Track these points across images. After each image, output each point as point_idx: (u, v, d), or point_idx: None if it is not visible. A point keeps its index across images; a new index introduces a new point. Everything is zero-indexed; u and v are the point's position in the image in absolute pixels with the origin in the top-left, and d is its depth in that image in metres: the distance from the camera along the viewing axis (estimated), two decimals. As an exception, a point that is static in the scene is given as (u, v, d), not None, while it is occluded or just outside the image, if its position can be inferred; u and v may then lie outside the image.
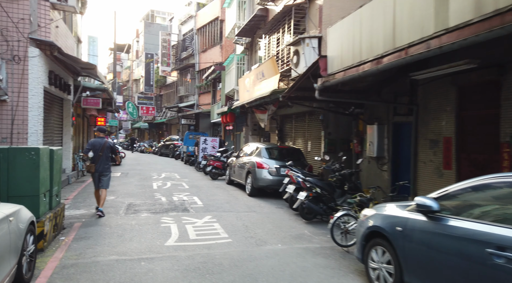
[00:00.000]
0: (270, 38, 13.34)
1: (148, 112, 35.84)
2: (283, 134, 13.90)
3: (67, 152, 12.81)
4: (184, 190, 10.58)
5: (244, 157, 11.11)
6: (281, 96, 9.17)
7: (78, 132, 16.28)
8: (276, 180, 9.61)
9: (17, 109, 8.64)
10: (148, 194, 9.81)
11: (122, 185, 11.42)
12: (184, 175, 14.53)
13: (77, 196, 9.40)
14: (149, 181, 12.51)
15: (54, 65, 10.15)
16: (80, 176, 13.49)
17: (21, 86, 8.63)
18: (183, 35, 30.96)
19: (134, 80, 46.85)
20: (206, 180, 13.33)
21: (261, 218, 7.38)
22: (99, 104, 13.74)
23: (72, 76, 12.83)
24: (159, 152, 28.54)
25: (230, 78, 18.72)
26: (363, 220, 4.30)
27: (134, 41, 49.20)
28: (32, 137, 8.77)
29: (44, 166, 5.15)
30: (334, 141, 10.39)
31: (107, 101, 17.99)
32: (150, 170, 16.07)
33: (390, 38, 5.21)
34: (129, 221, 6.78)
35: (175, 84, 33.18)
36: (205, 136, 18.49)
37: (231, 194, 10.35)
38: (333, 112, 9.98)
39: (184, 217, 7.19)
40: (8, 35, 8.45)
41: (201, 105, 28.01)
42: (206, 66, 26.50)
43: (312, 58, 9.41)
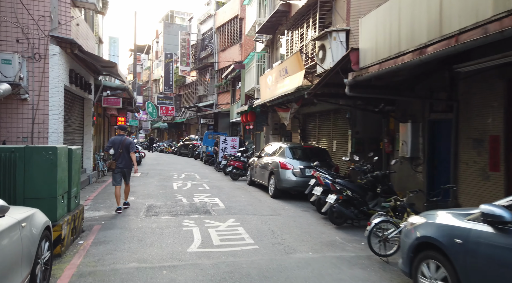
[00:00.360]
0: (292, 33, 12.87)
1: (167, 112, 35.97)
2: (305, 134, 13.40)
3: (88, 152, 12.74)
4: (205, 191, 10.26)
5: (266, 157, 10.70)
6: (306, 93, 8.70)
7: (99, 132, 16.27)
8: (301, 182, 9.16)
9: (38, 108, 8.53)
10: (169, 195, 9.53)
11: (142, 185, 11.21)
12: (204, 176, 14.26)
13: (97, 196, 9.22)
14: (169, 181, 12.27)
15: (74, 64, 10.03)
16: (100, 176, 13.41)
17: (41, 84, 8.51)
18: (202, 35, 30.84)
19: (154, 80, 47.25)
20: (226, 181, 12.99)
21: (287, 222, 6.94)
22: (119, 103, 13.63)
23: (93, 75, 12.76)
24: (178, 152, 28.50)
25: (250, 77, 18.35)
26: (410, 229, 3.80)
27: (153, 42, 49.67)
28: (52, 136, 8.64)
29: (62, 166, 4.89)
30: (361, 141, 9.84)
31: (127, 100, 17.95)
32: (170, 170, 15.89)
33: (436, 25, 4.67)
34: (150, 224, 6.48)
35: (194, 84, 33.13)
36: (225, 136, 18.19)
37: (253, 195, 9.95)
38: (361, 110, 9.43)
39: (206, 220, 6.84)
40: (29, 33, 8.34)
41: (220, 104, 27.79)
42: (225, 65, 26.25)
43: (339, 53, 8.91)
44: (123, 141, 7.55)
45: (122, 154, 7.49)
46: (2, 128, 8.33)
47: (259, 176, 10.99)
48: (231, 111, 23.19)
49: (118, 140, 7.57)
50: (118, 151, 7.47)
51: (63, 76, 9.04)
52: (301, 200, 9.28)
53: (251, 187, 11.53)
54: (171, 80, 35.90)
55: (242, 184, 12.19)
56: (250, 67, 18.37)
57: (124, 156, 7.51)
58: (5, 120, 8.34)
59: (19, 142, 8.40)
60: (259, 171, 10.98)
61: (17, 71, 7.89)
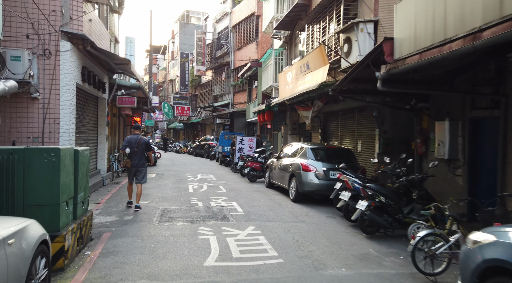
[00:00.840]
0: (313, 28, 12.21)
1: (183, 112, 35.76)
2: (327, 133, 12.71)
3: (102, 153, 12.41)
4: (221, 194, 9.72)
5: (286, 159, 10.08)
6: (330, 89, 8.05)
7: (113, 132, 16.00)
8: (324, 185, 8.51)
9: (49, 107, 8.17)
10: (184, 198, 9.04)
11: (156, 187, 10.77)
12: (220, 177, 13.74)
13: (110, 199, 8.81)
14: (185, 183, 11.80)
15: (87, 61, 9.67)
16: (115, 177, 13.08)
17: (52, 82, 8.14)
18: (218, 33, 30.45)
19: (170, 80, 47.26)
20: (243, 183, 12.44)
21: (312, 231, 6.31)
22: (134, 102, 13.27)
23: (107, 74, 12.42)
24: (194, 152, 28.17)
25: (267, 75, 17.75)
26: (473, 249, 3.13)
27: (169, 42, 49.72)
28: (64, 136, 8.26)
29: (67, 169, 4.42)
30: (390, 141, 9.11)
31: (142, 100, 17.66)
32: (186, 171, 15.46)
33: (495, 5, 3.97)
34: (163, 231, 5.97)
35: (210, 84, 32.78)
36: (241, 136, 17.64)
37: (272, 199, 9.35)
38: (390, 107, 8.70)
39: (224, 227, 6.28)
40: (39, 29, 7.98)
41: (236, 104, 27.31)
42: (241, 64, 25.73)
43: (367, 45, 8.23)
44: (138, 140, 7.79)
45: (137, 153, 7.70)
46: (12, 128, 8.00)
47: (278, 178, 10.39)
48: (247, 111, 22.67)
49: (133, 140, 7.79)
50: (133, 150, 7.68)
51: (75, 73, 8.66)
52: (325, 205, 8.62)
53: (270, 190, 10.93)
54: (187, 80, 35.67)
55: (260, 187, 11.61)
56: (267, 65, 17.78)
57: (139, 155, 7.71)
58: (15, 120, 8.00)
59: (30, 143, 8.06)
60: (278, 173, 10.37)
61: (26, 68, 7.53)
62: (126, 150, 7.68)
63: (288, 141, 15.86)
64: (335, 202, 7.71)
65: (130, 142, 7.77)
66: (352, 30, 8.46)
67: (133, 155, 7.66)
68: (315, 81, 9.14)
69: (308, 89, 9.41)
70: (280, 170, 10.20)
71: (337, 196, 7.57)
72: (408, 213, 6.26)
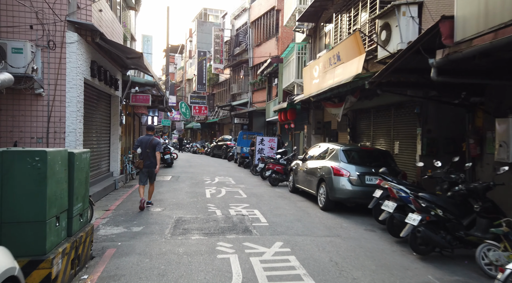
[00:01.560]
0: (342, 17, 11.15)
1: (200, 112, 35.14)
2: (356, 133, 11.61)
3: (115, 154, 11.73)
4: (241, 200, 8.81)
5: (313, 161, 9.07)
6: (367, 82, 7.00)
7: (127, 132, 15.36)
8: (359, 192, 7.47)
9: (54, 104, 7.46)
10: (201, 205, 8.17)
11: (171, 192, 9.97)
12: (239, 180, 12.85)
13: (120, 206, 8.04)
14: (201, 187, 10.96)
15: (97, 55, 8.95)
16: (129, 179, 12.39)
17: (57, 77, 7.43)
18: (236, 30, 29.63)
19: (187, 80, 46.86)
20: (265, 187, 11.50)
21: (352, 249, 5.30)
22: (148, 100, 12.55)
23: (120, 70, 11.74)
24: (211, 153, 27.44)
25: (288, 71, 16.75)
26: None
27: (187, 41, 49.34)
28: (70, 136, 7.54)
29: (57, 177, 3.59)
30: (435, 141, 7.97)
31: (158, 99, 16.99)
32: (203, 173, 14.65)
33: None
34: (176, 247, 5.10)
35: (228, 82, 32.01)
36: (261, 136, 16.70)
37: (299, 207, 8.37)
38: (436, 101, 7.58)
39: (246, 242, 5.36)
40: (43, 18, 7.28)
41: (254, 103, 26.41)
42: (261, 61, 24.81)
43: (410, 31, 7.13)
44: (150, 141, 7.69)
45: (149, 154, 7.62)
46: (14, 127, 7.34)
47: (304, 182, 9.39)
48: (267, 110, 21.72)
49: (145, 140, 7.73)
50: (145, 151, 7.61)
51: (83, 68, 7.94)
52: (360, 215, 7.59)
53: (294, 196, 9.94)
54: (204, 78, 35.03)
55: (284, 191, 10.64)
56: (288, 60, 16.77)
57: (151, 156, 7.63)
58: (17, 119, 7.33)
59: (33, 144, 7.38)
60: (304, 177, 9.37)
61: (29, 61, 6.83)
62: (138, 150, 7.69)
63: (312, 142, 14.83)
64: (375, 213, 6.68)
65: (141, 142, 7.75)
66: (392, 14, 7.38)
67: (145, 156, 7.62)
68: (348, 73, 8.09)
69: (339, 83, 8.38)
70: (306, 174, 9.21)
71: (377, 206, 6.54)
72: (467, 228, 5.17)
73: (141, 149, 7.61)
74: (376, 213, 6.64)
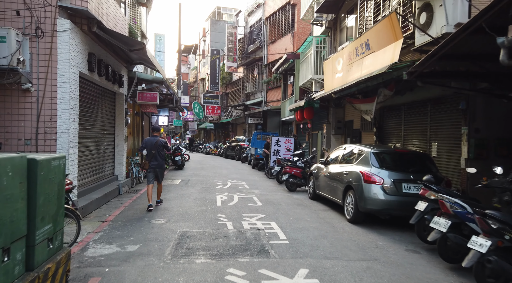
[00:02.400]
0: (367, 4, 9.99)
1: (213, 112, 34.29)
2: (384, 133, 10.41)
3: (120, 156, 10.88)
4: (256, 210, 7.78)
5: (337, 165, 7.96)
6: (406, 72, 5.86)
7: (136, 132, 14.54)
8: (395, 202, 6.34)
9: (44, 101, 6.60)
10: (210, 215, 7.17)
11: (178, 198, 9.01)
12: (253, 184, 11.83)
13: (120, 215, 7.12)
14: (212, 192, 9.98)
15: (96, 47, 8.08)
16: (135, 183, 11.52)
17: (48, 70, 6.57)
18: (250, 27, 28.65)
19: (201, 79, 46.22)
20: (281, 193, 10.43)
21: (397, 279, 4.18)
22: (156, 99, 11.65)
23: (125, 66, 10.88)
24: (225, 154, 26.52)
25: (306, 67, 15.64)
26: None
27: (200, 40, 48.71)
28: (62, 138, 6.66)
29: (5, 193, 2.63)
30: (485, 142, 6.75)
31: (168, 98, 16.14)
32: (214, 177, 13.68)
33: None
34: (175, 276, 4.10)
35: (241, 81, 31.06)
36: (277, 136, 15.62)
37: (322, 218, 7.28)
38: (486, 95, 6.38)
39: (262, 269, 4.31)
40: (32, 3, 6.42)
41: (269, 102, 25.37)
42: (275, 58, 23.74)
43: (459, 11, 5.97)
44: (155, 142, 7.70)
45: (155, 155, 7.67)
46: (0, 127, 6.50)
47: (327, 189, 8.28)
48: (282, 109, 20.64)
49: (150, 141, 7.75)
50: (151, 152, 7.65)
51: (78, 60, 7.06)
52: (396, 229, 6.46)
53: (315, 203, 8.85)
54: (217, 77, 34.17)
55: (303, 198, 9.55)
56: (306, 55, 15.66)
57: (157, 157, 7.71)
58: (3, 118, 6.50)
59: (21, 146, 6.53)
60: (327, 182, 8.27)
61: (13, 51, 5.95)
62: (144, 151, 7.77)
63: (332, 143, 13.68)
64: (417, 229, 5.54)
65: (147, 144, 7.76)
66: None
67: (151, 157, 7.66)
68: (380, 64, 6.95)
69: (369, 75, 7.23)
70: (329, 180, 8.10)
71: (421, 221, 5.41)
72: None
73: (146, 151, 7.68)
74: (419, 230, 5.51)
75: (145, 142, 7.85)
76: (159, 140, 7.78)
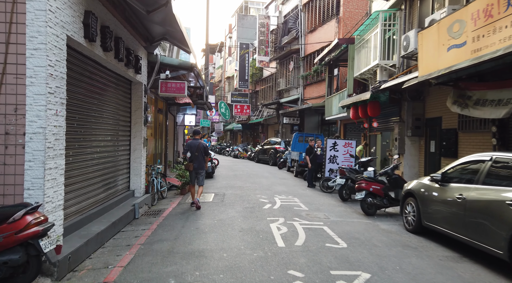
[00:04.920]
0: None
1: (242, 111, 31.57)
2: (510, 134, 7.20)
3: (137, 165, 8.24)
4: (346, 259, 4.82)
5: (480, 187, 4.89)
6: None
7: (159, 134, 11.94)
8: None
9: (5, 81, 3.96)
10: (276, 272, 4.29)
11: (217, 229, 6.21)
12: (310, 203, 8.90)
13: (131, 268, 4.36)
14: (261, 217, 7.13)
15: (99, 6, 5.41)
16: (157, 199, 8.86)
17: (9, 28, 3.93)
18: (284, 17, 25.78)
19: (227, 78, 43.75)
20: (358, 218, 7.46)
21: None
22: (183, 90, 8.94)
23: (144, 46, 8.24)
24: (256, 158, 23.68)
25: (365, 53, 12.59)
26: None
27: (226, 37, 46.36)
28: (34, 142, 3.99)
29: None
30: None
31: (197, 92, 13.49)
32: (255, 189, 10.86)
33: None
34: None
35: (274, 77, 28.20)
36: (329, 139, 12.55)
37: (460, 274, 4.25)
38: None
39: None
40: None
41: (306, 99, 22.39)
42: (315, 49, 20.77)
43: None
44: (198, 144, 8.08)
45: (198, 157, 8.03)
46: None
47: (455, 224, 5.19)
48: (327, 106, 17.59)
49: (194, 144, 8.09)
50: (194, 154, 7.99)
51: (65, 17, 4.39)
52: None
53: (426, 242, 5.79)
54: (247, 74, 31.44)
55: (396, 230, 6.53)
56: (365, 39, 12.61)
57: (199, 159, 8.05)
58: None
59: (-35, 155, 3.90)
60: (455, 213, 5.20)
61: None
62: (188, 154, 8.02)
63: (407, 147, 10.55)
64: None
65: (191, 147, 8.07)
66: None
67: (194, 159, 7.98)
68: None
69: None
70: (463, 210, 5.04)
71: None
72: None
73: (190, 153, 7.98)
74: None
75: (189, 145, 8.20)
76: (201, 143, 8.18)
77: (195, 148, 8.01)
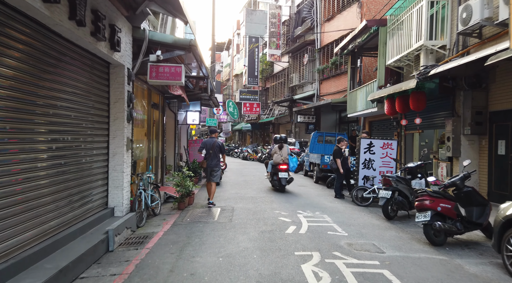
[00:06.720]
0: None
1: (252, 110, 29.44)
2: None
3: (118, 174, 6.17)
4: None
5: None
6: None
7: (155, 135, 9.87)
8: None
9: None
10: None
11: (222, 277, 4.07)
12: (346, 223, 6.72)
13: None
14: (287, 252, 4.96)
15: None
16: (144, 219, 6.74)
17: None
18: (297, 7, 23.59)
19: (235, 75, 41.70)
20: (426, 253, 5.25)
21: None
22: (180, 75, 6.83)
23: (126, 14, 6.15)
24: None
25: (402, 35, 10.35)
26: None
27: (234, 34, 44.37)
28: None
29: None
30: None
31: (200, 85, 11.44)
32: (271, 201, 8.73)
33: None
34: None
35: (285, 73, 26.01)
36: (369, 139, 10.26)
37: None
38: None
39: None
40: None
41: (323, 95, 20.17)
42: (334, 38, 18.54)
43: None
44: (213, 143, 8.31)
45: (212, 155, 8.26)
46: None
47: None
48: (350, 101, 15.35)
49: (209, 142, 8.34)
50: (209, 152, 8.25)
51: None
52: None
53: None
54: (256, 69, 29.30)
55: (494, 276, 4.32)
56: (401, 18, 10.38)
57: (214, 157, 8.30)
58: None
59: None
60: None
61: None
62: (203, 151, 8.26)
63: (463, 148, 8.31)
64: None
65: (206, 145, 8.30)
66: None
67: (209, 156, 8.25)
68: None
69: None
70: None
71: None
72: None
73: (205, 151, 8.22)
74: None
75: (204, 143, 8.34)
76: (217, 141, 8.38)
77: (210, 146, 8.28)
